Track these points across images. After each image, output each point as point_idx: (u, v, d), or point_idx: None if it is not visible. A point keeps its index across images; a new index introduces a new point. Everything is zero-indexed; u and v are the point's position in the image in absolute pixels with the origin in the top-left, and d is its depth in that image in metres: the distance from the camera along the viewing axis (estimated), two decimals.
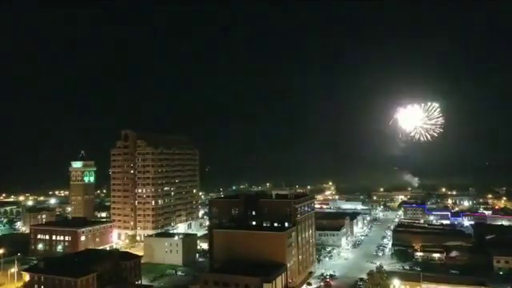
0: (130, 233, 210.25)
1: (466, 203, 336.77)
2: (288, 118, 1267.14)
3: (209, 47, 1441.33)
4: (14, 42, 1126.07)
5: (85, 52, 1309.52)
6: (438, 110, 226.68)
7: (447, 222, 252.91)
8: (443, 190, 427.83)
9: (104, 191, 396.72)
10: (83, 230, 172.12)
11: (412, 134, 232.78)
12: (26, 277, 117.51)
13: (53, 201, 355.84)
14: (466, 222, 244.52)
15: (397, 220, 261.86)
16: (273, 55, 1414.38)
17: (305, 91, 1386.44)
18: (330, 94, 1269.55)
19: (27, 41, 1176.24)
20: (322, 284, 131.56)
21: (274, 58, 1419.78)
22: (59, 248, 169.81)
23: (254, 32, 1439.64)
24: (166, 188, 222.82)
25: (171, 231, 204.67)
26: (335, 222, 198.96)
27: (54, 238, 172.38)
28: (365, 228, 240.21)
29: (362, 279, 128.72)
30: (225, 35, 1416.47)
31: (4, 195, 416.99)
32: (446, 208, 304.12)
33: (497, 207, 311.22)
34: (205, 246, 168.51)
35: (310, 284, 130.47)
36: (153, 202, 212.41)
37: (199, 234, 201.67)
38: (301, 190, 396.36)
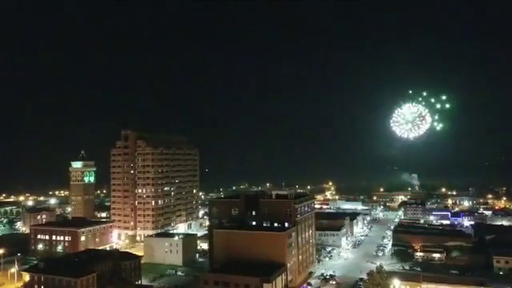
0: (130, 233, 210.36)
1: (466, 203, 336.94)
2: (288, 118, 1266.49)
3: (209, 46, 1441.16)
4: (13, 41, 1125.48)
5: (85, 51, 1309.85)
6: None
7: (447, 222, 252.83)
8: (443, 190, 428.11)
9: (104, 191, 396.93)
10: (83, 230, 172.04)
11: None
12: (26, 277, 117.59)
13: (53, 201, 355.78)
14: (466, 222, 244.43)
15: (397, 220, 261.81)
16: (272, 54, 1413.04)
17: (305, 91, 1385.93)
18: (329, 94, 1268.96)
19: (27, 39, 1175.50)
20: (333, 282, 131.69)
21: (273, 55, 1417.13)
22: (59, 248, 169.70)
23: (254, 28, 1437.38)
24: (166, 188, 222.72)
25: (171, 231, 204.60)
26: (335, 222, 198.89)
27: (54, 238, 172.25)
28: (365, 228, 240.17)
29: (362, 279, 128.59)
30: (227, 33, 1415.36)
31: (4, 195, 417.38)
32: (446, 208, 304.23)
33: (497, 207, 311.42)
34: (205, 246, 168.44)
35: (310, 284, 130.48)
36: (153, 202, 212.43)
37: (199, 234, 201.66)
38: (301, 190, 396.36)
